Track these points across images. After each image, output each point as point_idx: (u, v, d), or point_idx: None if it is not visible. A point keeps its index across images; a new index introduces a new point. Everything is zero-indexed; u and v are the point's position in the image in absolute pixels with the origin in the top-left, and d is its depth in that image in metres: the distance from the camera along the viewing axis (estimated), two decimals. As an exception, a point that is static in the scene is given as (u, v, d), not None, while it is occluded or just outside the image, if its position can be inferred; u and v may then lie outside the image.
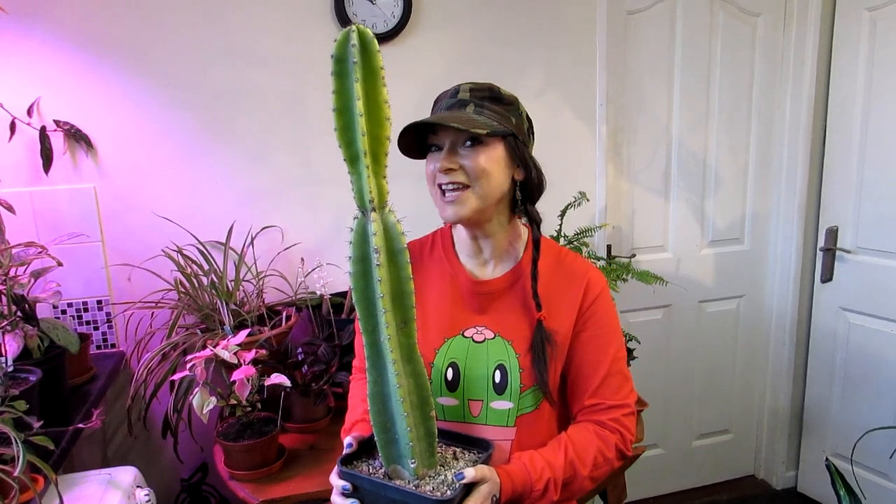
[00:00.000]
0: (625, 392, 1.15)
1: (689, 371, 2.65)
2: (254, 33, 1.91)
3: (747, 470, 2.86)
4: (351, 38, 0.85)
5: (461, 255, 1.21)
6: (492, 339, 1.14)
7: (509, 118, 1.10)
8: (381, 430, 0.98)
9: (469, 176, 1.06)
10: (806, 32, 2.40)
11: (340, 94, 0.88)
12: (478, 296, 1.17)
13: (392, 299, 0.91)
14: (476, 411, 1.13)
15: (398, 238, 0.90)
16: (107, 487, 1.32)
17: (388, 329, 0.91)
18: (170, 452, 1.78)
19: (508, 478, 1.02)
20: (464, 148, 1.07)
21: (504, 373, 1.11)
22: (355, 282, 0.91)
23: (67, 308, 1.88)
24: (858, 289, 2.41)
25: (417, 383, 0.96)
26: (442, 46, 2.08)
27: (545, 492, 1.04)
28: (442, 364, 1.14)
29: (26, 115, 1.75)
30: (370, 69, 0.87)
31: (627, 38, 2.30)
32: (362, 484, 0.98)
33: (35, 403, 1.30)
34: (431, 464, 1.00)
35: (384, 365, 0.94)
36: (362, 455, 1.05)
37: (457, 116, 1.05)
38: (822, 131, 2.47)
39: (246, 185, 1.98)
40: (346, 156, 0.89)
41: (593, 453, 1.09)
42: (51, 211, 1.83)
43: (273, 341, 1.72)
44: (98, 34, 1.80)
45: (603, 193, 2.34)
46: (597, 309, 1.15)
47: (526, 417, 1.12)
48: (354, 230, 0.90)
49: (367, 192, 0.88)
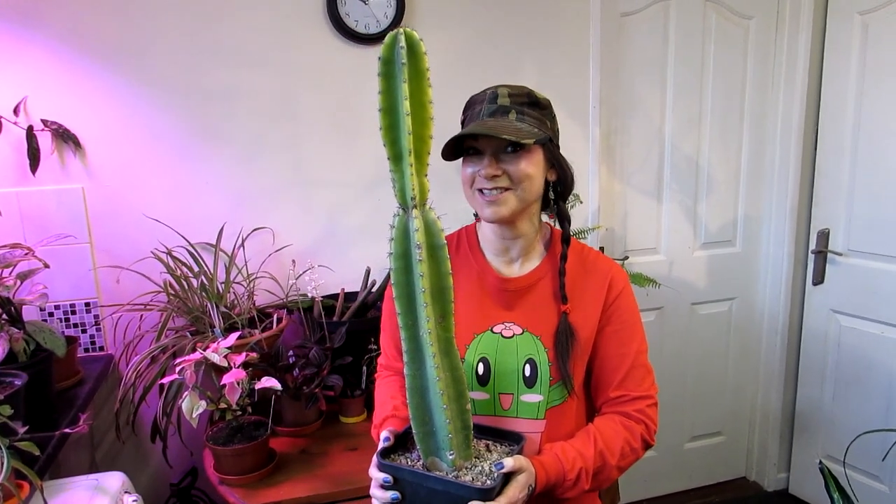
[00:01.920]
0: (648, 384, 1.19)
1: (682, 373, 2.65)
2: (245, 34, 1.90)
3: (739, 472, 2.87)
4: (399, 41, 0.88)
5: (487, 252, 1.23)
6: (520, 334, 1.17)
7: (545, 122, 1.13)
8: (419, 422, 1.00)
9: (512, 180, 1.10)
10: (798, 35, 2.42)
11: (387, 94, 0.89)
12: (505, 293, 1.19)
13: (432, 294, 0.94)
14: (507, 405, 1.16)
15: (439, 234, 0.93)
16: (94, 493, 1.30)
17: (429, 323, 0.94)
18: (159, 457, 1.76)
19: (542, 468, 1.05)
20: (505, 154, 1.10)
21: (534, 367, 1.14)
22: (397, 277, 0.94)
23: (54, 310, 1.85)
24: (850, 291, 2.41)
25: (455, 377, 0.99)
26: (434, 48, 2.04)
27: (577, 481, 1.07)
28: (473, 359, 1.17)
29: (13, 114, 1.73)
30: (417, 70, 0.89)
31: (621, 40, 2.30)
32: (403, 476, 1.00)
33: (20, 408, 1.28)
34: (468, 455, 1.03)
35: (423, 359, 0.97)
36: (398, 449, 1.08)
37: (504, 126, 1.08)
38: (814, 134, 2.48)
39: (236, 186, 1.96)
40: (390, 154, 0.91)
41: (621, 443, 1.12)
42: (38, 212, 1.80)
43: (264, 344, 1.70)
44: (87, 33, 1.78)
45: (596, 195, 2.34)
46: (620, 304, 1.18)
47: (555, 410, 1.15)
48: (396, 227, 0.93)
49: (410, 190, 0.91)
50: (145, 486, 1.95)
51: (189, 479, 1.95)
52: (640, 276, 2.12)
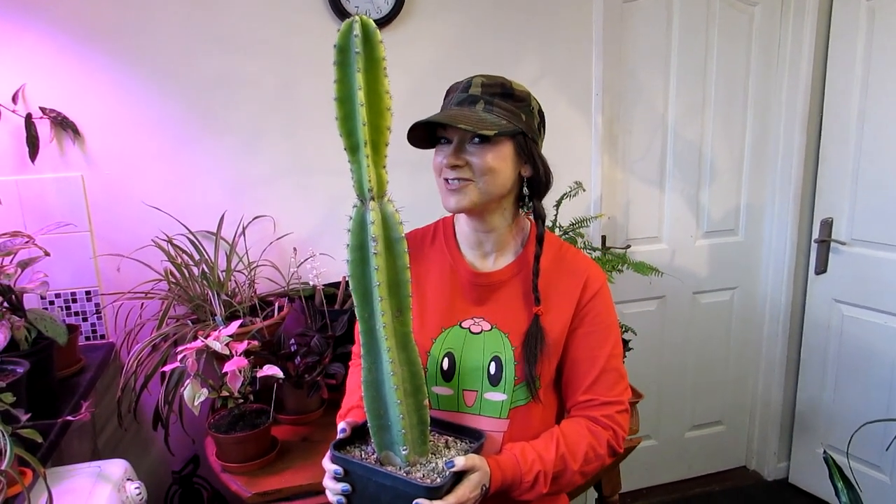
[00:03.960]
0: (619, 389, 1.15)
1: (683, 362, 2.65)
2: (245, 20, 1.88)
3: (739, 461, 2.87)
4: (354, 29, 0.86)
5: (462, 245, 1.21)
6: (488, 330, 1.14)
7: (519, 115, 1.09)
8: (374, 416, 1.00)
9: (474, 172, 1.07)
10: (803, 22, 2.39)
11: (342, 84, 0.88)
12: (477, 287, 1.17)
13: (388, 287, 0.93)
14: (470, 402, 1.13)
15: (396, 227, 0.92)
16: (96, 480, 1.30)
17: (384, 317, 0.93)
18: (160, 445, 1.76)
19: (499, 468, 1.03)
20: (472, 144, 1.07)
21: (499, 365, 1.12)
22: (352, 269, 0.93)
23: (55, 299, 1.85)
24: (852, 280, 2.41)
25: (412, 371, 0.98)
26: (435, 35, 2.05)
27: (534, 484, 1.05)
28: (438, 353, 1.15)
29: (11, 101, 1.71)
30: (372, 59, 0.88)
31: (624, 27, 2.28)
32: (354, 468, 1.00)
33: (22, 396, 1.28)
34: (423, 451, 1.02)
35: (379, 352, 0.96)
36: (356, 440, 1.08)
37: (465, 115, 1.05)
38: (818, 122, 2.46)
39: (237, 174, 1.95)
40: (346, 145, 0.90)
41: (584, 448, 1.09)
42: (37, 200, 1.79)
43: (265, 332, 1.70)
44: (86, 20, 1.76)
45: (598, 183, 2.33)
46: (594, 305, 1.15)
47: (519, 410, 1.13)
48: (353, 219, 0.92)
49: (367, 182, 0.90)
50: (147, 473, 1.96)
51: (191, 466, 1.96)
52: (642, 264, 2.12)
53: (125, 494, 1.33)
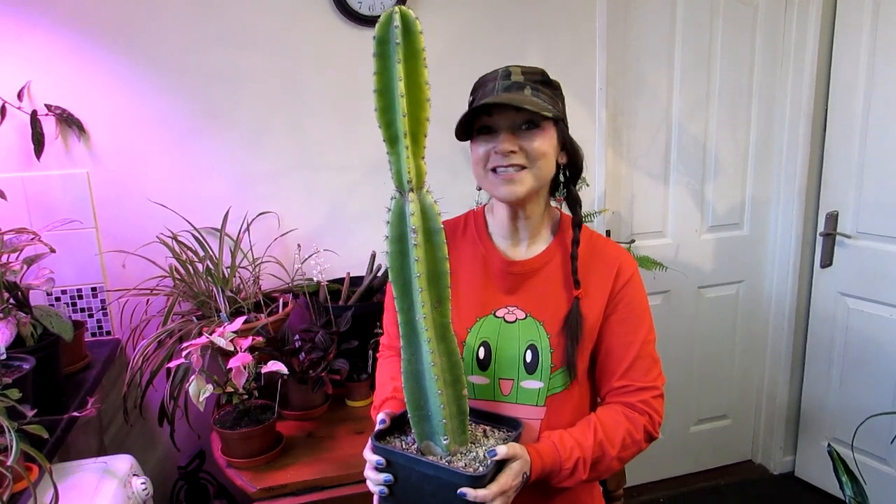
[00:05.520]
0: (654, 375, 1.16)
1: (688, 357, 2.64)
2: (248, 16, 1.88)
3: (745, 455, 2.87)
4: (394, 20, 0.85)
5: (495, 236, 1.22)
6: (523, 319, 1.15)
7: (557, 102, 1.12)
8: (414, 406, 1.00)
9: (529, 158, 1.08)
10: (808, 14, 2.37)
11: (381, 75, 0.88)
12: (510, 276, 1.18)
13: (428, 279, 0.93)
14: (506, 390, 1.14)
15: (435, 218, 0.92)
16: (102, 476, 1.31)
17: (424, 308, 0.93)
18: (166, 440, 1.77)
19: (539, 456, 1.04)
20: (521, 131, 1.08)
21: (535, 353, 1.13)
22: (392, 261, 0.93)
23: (61, 295, 1.86)
24: (858, 274, 2.40)
25: (451, 361, 0.98)
26: (439, 29, 2.04)
27: (574, 471, 1.06)
28: (474, 343, 1.15)
29: (17, 98, 1.72)
30: (412, 50, 0.87)
31: (628, 20, 2.27)
32: (396, 459, 1.00)
33: (29, 392, 1.29)
34: (463, 441, 1.03)
35: (419, 343, 0.97)
36: (394, 431, 1.08)
37: (523, 98, 1.05)
38: (823, 115, 2.45)
39: (241, 170, 1.96)
40: (385, 136, 0.89)
41: (622, 434, 1.10)
42: (43, 197, 1.80)
43: (270, 328, 1.70)
44: (90, 16, 1.76)
45: (602, 178, 2.32)
46: (627, 291, 1.16)
47: (556, 397, 1.13)
48: (392, 210, 0.92)
49: (406, 173, 0.89)
50: (153, 468, 1.96)
51: (197, 461, 1.96)
52: (647, 259, 2.11)
53: (131, 490, 1.34)
